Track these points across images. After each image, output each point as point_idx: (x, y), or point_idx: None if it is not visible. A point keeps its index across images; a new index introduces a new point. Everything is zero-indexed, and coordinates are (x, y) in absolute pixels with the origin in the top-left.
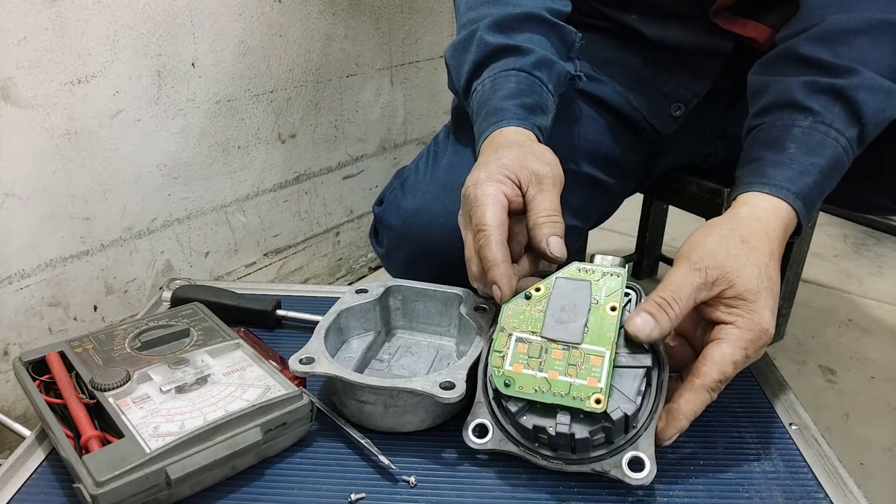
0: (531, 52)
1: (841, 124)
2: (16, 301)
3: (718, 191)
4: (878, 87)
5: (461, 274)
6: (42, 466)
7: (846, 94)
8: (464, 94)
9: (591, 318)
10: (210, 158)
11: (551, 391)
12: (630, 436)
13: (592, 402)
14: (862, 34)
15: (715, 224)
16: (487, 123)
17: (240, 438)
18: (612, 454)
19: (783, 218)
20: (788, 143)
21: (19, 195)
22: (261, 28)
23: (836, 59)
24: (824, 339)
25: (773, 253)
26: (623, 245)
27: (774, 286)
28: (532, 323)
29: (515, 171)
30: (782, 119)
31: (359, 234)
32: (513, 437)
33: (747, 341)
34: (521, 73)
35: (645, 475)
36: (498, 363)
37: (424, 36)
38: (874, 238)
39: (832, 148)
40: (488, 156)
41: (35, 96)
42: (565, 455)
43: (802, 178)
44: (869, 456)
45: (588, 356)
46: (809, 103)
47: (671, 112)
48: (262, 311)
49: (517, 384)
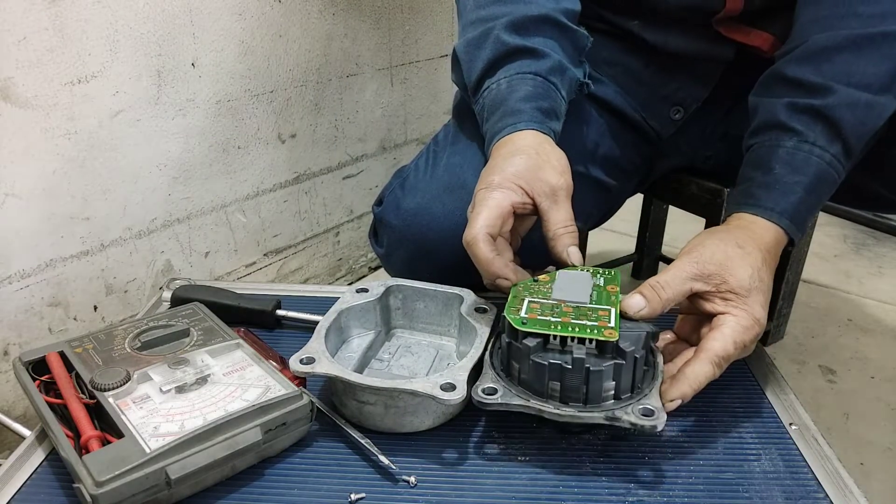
0: (547, 56)
1: (824, 141)
2: (16, 301)
3: (718, 191)
4: (856, 102)
5: (461, 274)
6: (42, 466)
7: (824, 113)
8: (474, 90)
9: (593, 293)
10: (210, 158)
11: (567, 326)
12: (636, 397)
13: (606, 333)
14: (843, 50)
15: (713, 230)
16: (504, 123)
17: (240, 438)
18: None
19: (774, 235)
20: (774, 163)
21: (19, 195)
22: (261, 28)
23: (817, 79)
24: (824, 339)
25: (765, 260)
26: (623, 245)
27: (766, 288)
28: (542, 294)
29: (528, 181)
30: (769, 140)
31: (359, 234)
32: (521, 396)
33: (743, 328)
34: (537, 78)
35: (656, 420)
36: (513, 312)
37: (424, 36)
38: (874, 238)
39: (816, 165)
40: (505, 159)
41: (35, 96)
42: (577, 405)
43: (787, 198)
44: (869, 456)
45: (596, 310)
46: (793, 123)
47: (670, 115)
48: (262, 311)
49: (533, 324)
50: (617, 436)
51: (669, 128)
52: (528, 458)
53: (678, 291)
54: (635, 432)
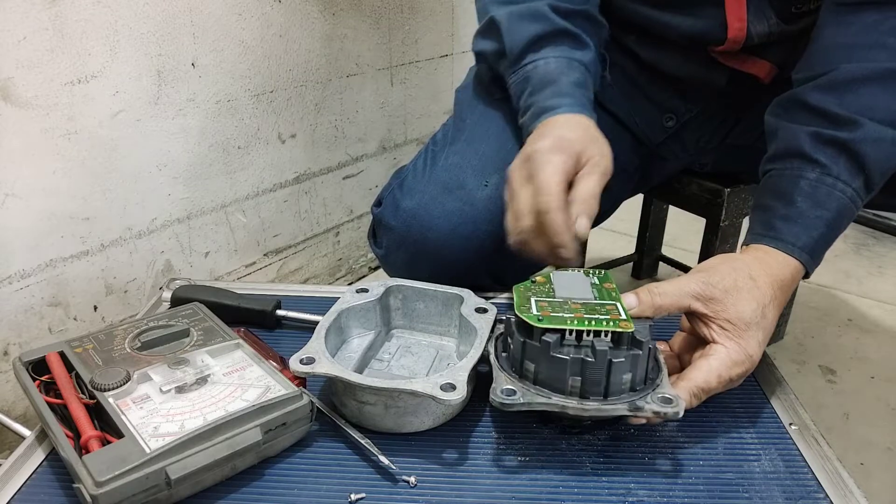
0: (588, 46)
1: (847, 176)
2: (16, 301)
3: (718, 191)
4: (882, 138)
5: (461, 274)
6: (42, 466)
7: (850, 147)
8: (514, 60)
9: (594, 290)
10: (210, 158)
11: (583, 321)
12: (650, 387)
13: (622, 324)
14: (870, 83)
15: (730, 256)
16: (560, 102)
17: (240, 438)
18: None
19: (790, 269)
20: (796, 195)
21: (19, 195)
22: (261, 28)
23: (841, 110)
24: (824, 339)
25: (775, 298)
26: (623, 245)
27: (768, 325)
28: (545, 293)
29: (580, 148)
30: (791, 169)
31: (359, 234)
32: (542, 394)
33: (733, 362)
34: (582, 67)
35: (677, 407)
36: (526, 311)
37: (424, 36)
38: (874, 238)
39: (838, 200)
40: (554, 129)
41: (35, 96)
42: (598, 399)
43: (808, 233)
44: (869, 456)
45: (604, 305)
46: (816, 155)
47: (663, 122)
48: (262, 311)
49: (549, 321)
50: (617, 436)
51: (661, 134)
52: (528, 458)
53: (675, 303)
54: (656, 422)
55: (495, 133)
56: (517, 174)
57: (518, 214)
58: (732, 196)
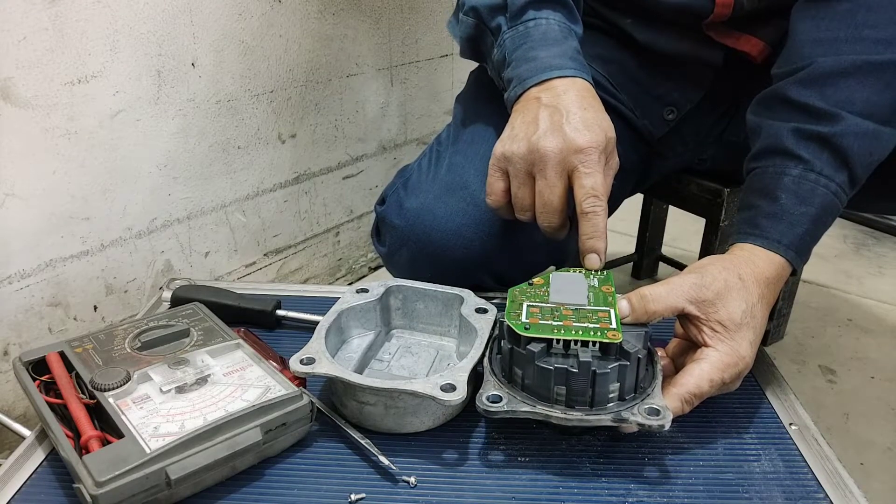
0: (578, 23)
1: (830, 170)
2: (16, 301)
3: (718, 191)
4: (864, 132)
5: (464, 274)
6: (42, 466)
7: (832, 141)
8: (516, 13)
9: (590, 294)
10: (210, 158)
11: (570, 330)
12: (639, 397)
13: (609, 335)
14: (848, 76)
15: (718, 257)
16: (573, 64)
17: (240, 438)
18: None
19: (777, 266)
20: (779, 192)
21: (19, 195)
22: (261, 28)
23: (822, 104)
24: (824, 339)
25: (762, 296)
26: (623, 245)
27: (758, 325)
28: (539, 298)
29: (611, 149)
30: (774, 166)
31: (359, 234)
32: (527, 402)
33: (725, 365)
34: (577, 40)
35: (663, 419)
36: (514, 317)
37: (424, 36)
38: (874, 238)
39: (822, 196)
40: (590, 101)
41: (35, 96)
42: (583, 409)
43: (793, 230)
44: (869, 456)
45: (596, 312)
46: (799, 151)
47: (664, 115)
48: (262, 311)
49: (536, 329)
50: (616, 437)
51: (662, 128)
52: (528, 458)
53: (668, 306)
54: (644, 432)
55: (497, 133)
56: (554, 154)
57: (546, 208)
58: (732, 196)
